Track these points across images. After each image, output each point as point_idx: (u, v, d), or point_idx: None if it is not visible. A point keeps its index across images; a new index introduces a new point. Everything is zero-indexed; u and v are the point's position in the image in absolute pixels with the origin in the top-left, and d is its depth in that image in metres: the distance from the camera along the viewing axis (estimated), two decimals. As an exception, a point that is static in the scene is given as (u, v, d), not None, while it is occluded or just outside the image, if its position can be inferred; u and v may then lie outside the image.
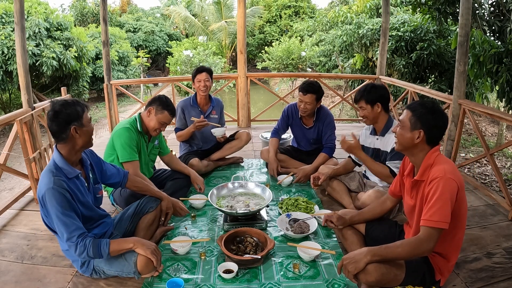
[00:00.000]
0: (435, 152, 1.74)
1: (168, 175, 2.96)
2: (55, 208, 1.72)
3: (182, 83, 6.86)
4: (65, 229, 1.74)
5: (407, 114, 1.79)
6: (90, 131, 1.89)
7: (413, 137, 1.74)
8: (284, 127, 3.42)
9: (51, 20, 8.27)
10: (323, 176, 2.79)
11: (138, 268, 1.88)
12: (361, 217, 2.14)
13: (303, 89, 3.05)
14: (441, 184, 1.61)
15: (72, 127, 1.78)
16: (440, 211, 1.59)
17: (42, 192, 1.74)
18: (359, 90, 2.57)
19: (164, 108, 2.58)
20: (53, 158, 1.83)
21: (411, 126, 1.75)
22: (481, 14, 5.05)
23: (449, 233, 1.70)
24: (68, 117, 1.77)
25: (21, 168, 3.37)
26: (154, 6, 23.76)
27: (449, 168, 1.66)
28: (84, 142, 1.86)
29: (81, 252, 1.76)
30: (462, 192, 1.67)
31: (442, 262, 1.76)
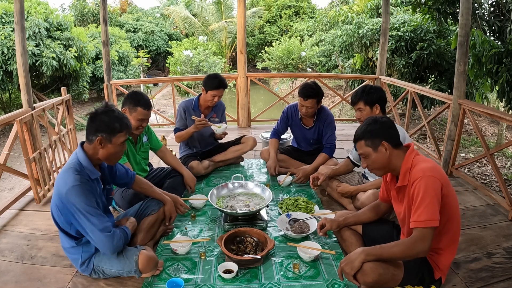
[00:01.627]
0: (411, 154, 1.75)
1: (166, 174, 2.95)
2: (83, 204, 1.72)
3: (182, 83, 6.86)
4: (98, 221, 1.75)
5: (360, 145, 1.81)
6: (115, 152, 1.85)
7: (382, 153, 1.76)
8: (284, 128, 3.41)
9: (51, 20, 8.26)
10: (323, 176, 2.79)
11: (140, 267, 1.88)
12: (357, 220, 2.13)
13: (304, 95, 3.01)
14: (422, 183, 1.63)
15: (99, 136, 1.78)
16: (426, 210, 1.60)
17: (65, 189, 1.72)
18: (357, 91, 2.56)
19: (136, 105, 2.49)
20: (77, 156, 1.83)
21: (373, 149, 1.77)
22: (481, 14, 5.05)
23: (442, 228, 1.70)
24: (101, 125, 1.78)
25: (21, 168, 3.37)
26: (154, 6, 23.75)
27: (428, 166, 1.67)
28: (104, 156, 1.85)
29: (119, 239, 1.81)
30: (447, 187, 1.68)
31: (440, 259, 1.76)
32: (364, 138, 1.79)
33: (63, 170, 1.80)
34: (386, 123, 1.80)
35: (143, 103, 2.50)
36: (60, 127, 3.65)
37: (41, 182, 3.05)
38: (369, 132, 1.78)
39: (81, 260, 1.92)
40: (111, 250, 1.83)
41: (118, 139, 1.83)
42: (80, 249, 1.91)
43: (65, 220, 1.83)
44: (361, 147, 1.81)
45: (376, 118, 1.82)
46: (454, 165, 3.57)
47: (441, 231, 1.71)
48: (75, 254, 1.93)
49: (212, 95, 3.14)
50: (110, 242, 1.79)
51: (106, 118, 1.80)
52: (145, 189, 2.30)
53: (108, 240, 1.78)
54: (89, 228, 1.76)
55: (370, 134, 1.77)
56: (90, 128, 1.81)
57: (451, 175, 3.57)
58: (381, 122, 1.79)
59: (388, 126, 1.79)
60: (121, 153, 1.91)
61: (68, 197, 1.72)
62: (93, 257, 1.93)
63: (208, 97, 3.17)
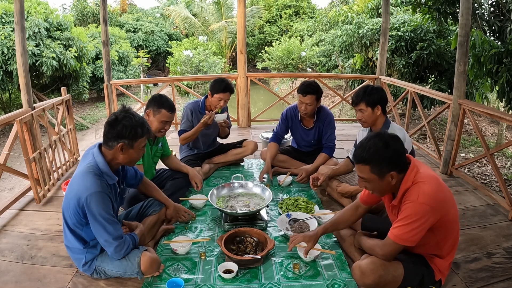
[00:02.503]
0: (411, 173, 1.63)
1: (168, 175, 2.96)
2: (102, 211, 1.73)
3: (182, 83, 6.86)
4: (114, 230, 1.78)
5: (364, 169, 1.62)
6: (136, 157, 1.86)
7: (388, 182, 1.63)
8: (284, 130, 3.38)
9: (51, 20, 8.26)
10: (322, 176, 2.79)
11: (142, 269, 1.88)
12: (335, 228, 2.12)
13: (302, 91, 3.02)
14: (411, 207, 1.59)
15: (121, 142, 1.76)
16: (403, 229, 1.61)
17: (86, 194, 1.71)
18: (358, 92, 2.50)
19: (161, 107, 2.52)
20: (95, 160, 1.80)
21: (378, 177, 1.62)
22: (481, 14, 5.05)
23: (441, 240, 1.71)
24: (122, 131, 1.75)
25: (21, 168, 3.37)
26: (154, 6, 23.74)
27: (425, 192, 1.57)
28: (124, 161, 1.85)
29: (128, 246, 1.84)
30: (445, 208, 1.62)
31: (441, 262, 1.77)
32: (371, 163, 1.60)
33: (82, 172, 1.77)
34: (397, 147, 1.60)
35: (167, 106, 2.53)
36: (60, 127, 3.65)
37: (41, 182, 3.05)
38: (378, 159, 1.59)
39: (84, 260, 1.92)
40: (120, 256, 1.86)
41: (140, 144, 1.83)
42: (85, 250, 1.91)
43: (77, 222, 1.83)
44: (363, 172, 1.63)
45: (388, 141, 1.60)
46: (454, 165, 3.57)
47: (441, 242, 1.72)
48: (79, 254, 1.93)
49: (218, 99, 3.13)
50: (120, 249, 1.83)
51: (127, 124, 1.76)
52: (150, 191, 2.32)
53: (120, 247, 1.82)
54: (103, 236, 1.78)
55: (379, 162, 1.59)
56: (110, 134, 1.77)
57: (451, 175, 3.57)
58: (394, 148, 1.59)
59: (399, 152, 1.61)
60: (140, 156, 1.91)
61: (88, 203, 1.72)
62: (96, 258, 1.93)
63: (214, 100, 3.15)
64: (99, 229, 1.77)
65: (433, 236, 1.68)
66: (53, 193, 3.20)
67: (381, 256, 1.71)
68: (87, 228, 1.84)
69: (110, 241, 1.79)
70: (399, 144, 1.62)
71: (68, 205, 1.82)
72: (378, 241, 1.77)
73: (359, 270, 1.73)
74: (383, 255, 1.70)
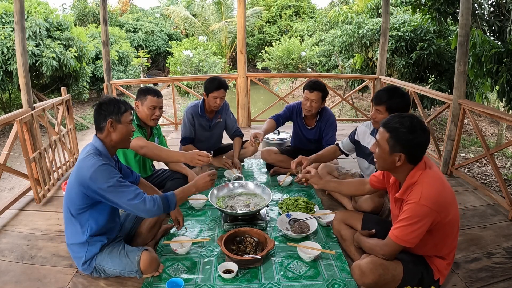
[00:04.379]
0: (418, 171, 1.67)
1: (168, 175, 2.96)
2: (111, 180, 1.76)
3: (182, 83, 6.86)
4: (128, 191, 1.79)
5: (384, 134, 1.68)
6: (126, 131, 1.95)
7: (393, 160, 1.67)
8: (285, 118, 3.34)
9: (51, 20, 8.26)
10: (306, 161, 2.66)
11: (141, 267, 1.88)
12: (337, 188, 2.21)
13: (310, 87, 3.02)
14: (413, 207, 1.61)
15: (109, 120, 1.87)
16: (402, 229, 1.63)
17: (90, 172, 1.75)
18: (384, 93, 2.33)
19: (146, 94, 2.62)
20: (94, 145, 1.89)
21: (390, 149, 1.66)
22: (481, 14, 5.05)
23: (440, 241, 1.72)
24: (108, 110, 1.88)
25: (21, 168, 3.37)
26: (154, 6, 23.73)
27: (428, 193, 1.60)
28: (117, 139, 1.93)
29: (153, 205, 1.82)
30: (446, 211, 1.63)
31: (440, 262, 1.77)
32: (390, 133, 1.65)
33: (82, 159, 1.83)
34: (421, 139, 1.63)
35: (152, 91, 2.64)
36: (60, 127, 3.65)
37: (41, 182, 3.05)
38: (398, 134, 1.63)
39: (84, 258, 1.92)
40: (147, 214, 1.84)
41: (126, 117, 1.93)
42: (85, 248, 1.91)
43: (83, 204, 1.83)
44: (382, 136, 1.70)
45: (416, 126, 1.63)
46: (454, 165, 3.57)
47: (440, 244, 1.72)
48: (79, 253, 1.93)
49: (213, 97, 3.12)
50: (143, 206, 1.81)
51: (110, 103, 1.91)
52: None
53: (142, 204, 1.80)
54: (123, 201, 1.79)
55: (397, 137, 1.63)
56: (99, 117, 1.90)
57: (451, 175, 3.57)
58: (416, 136, 1.61)
59: (419, 143, 1.63)
60: (131, 133, 1.99)
61: (94, 179, 1.74)
62: (96, 256, 1.93)
63: (210, 100, 3.15)
64: (116, 198, 1.78)
65: (431, 238, 1.69)
66: (53, 193, 3.21)
67: (381, 256, 1.72)
68: (94, 211, 1.86)
69: (132, 202, 1.78)
70: (424, 137, 1.64)
71: (71, 191, 1.84)
72: (378, 241, 1.78)
73: (359, 269, 1.73)
74: (383, 255, 1.71)
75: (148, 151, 2.50)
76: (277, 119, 3.32)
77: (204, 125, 3.31)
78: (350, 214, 2.25)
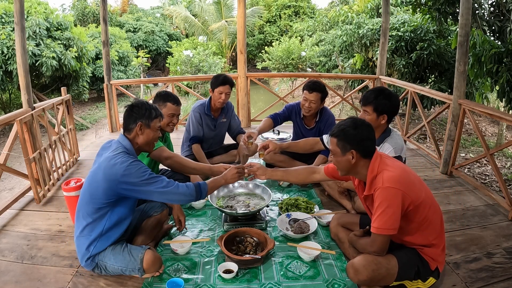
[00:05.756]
0: (375, 162, 1.74)
1: (169, 176, 2.96)
2: (143, 174, 1.82)
3: (182, 83, 6.86)
4: (161, 180, 1.86)
5: (332, 141, 1.80)
6: (153, 137, 2.00)
7: (348, 159, 1.76)
8: (283, 118, 3.35)
9: (51, 20, 8.26)
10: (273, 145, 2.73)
11: (144, 266, 1.89)
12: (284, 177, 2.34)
13: (309, 87, 3.03)
14: (380, 194, 1.66)
15: (139, 122, 1.94)
16: (379, 219, 1.65)
17: (122, 170, 1.79)
18: (371, 93, 2.32)
19: (166, 101, 2.63)
20: (121, 144, 1.93)
21: (341, 151, 1.77)
22: (481, 14, 5.05)
23: (421, 226, 1.73)
24: (139, 113, 1.95)
25: (21, 168, 3.37)
26: (155, 6, 23.70)
27: (389, 175, 1.67)
28: (143, 141, 1.98)
29: (185, 189, 1.92)
30: (414, 190, 1.68)
31: (431, 251, 1.77)
32: (337, 137, 1.78)
33: (110, 156, 1.85)
34: (364, 132, 1.75)
35: (172, 99, 2.65)
36: (60, 127, 3.65)
37: (41, 182, 3.05)
38: (344, 135, 1.76)
39: (90, 254, 1.92)
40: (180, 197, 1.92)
41: (155, 123, 1.99)
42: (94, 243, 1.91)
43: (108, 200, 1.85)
44: (332, 144, 1.82)
45: (357, 122, 1.77)
46: (454, 165, 3.57)
47: (423, 228, 1.74)
48: (87, 248, 1.92)
49: (218, 92, 3.17)
50: (177, 190, 1.89)
51: (143, 106, 1.97)
52: None
53: (176, 188, 1.89)
54: (157, 189, 1.84)
55: (344, 138, 1.75)
56: (129, 118, 1.96)
57: (451, 175, 3.57)
58: (360, 131, 1.74)
59: (364, 136, 1.74)
60: (157, 139, 2.05)
61: (128, 175, 1.79)
62: (99, 253, 1.93)
63: (216, 95, 3.19)
64: (150, 190, 1.83)
65: (413, 224, 1.71)
66: (53, 193, 3.21)
67: (373, 252, 1.73)
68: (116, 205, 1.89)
69: (166, 191, 1.86)
70: (367, 130, 1.76)
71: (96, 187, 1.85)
72: (367, 239, 1.80)
73: (352, 268, 1.74)
74: (375, 251, 1.72)
75: (173, 163, 2.51)
76: (275, 118, 3.33)
77: (210, 124, 3.34)
78: (347, 217, 2.26)
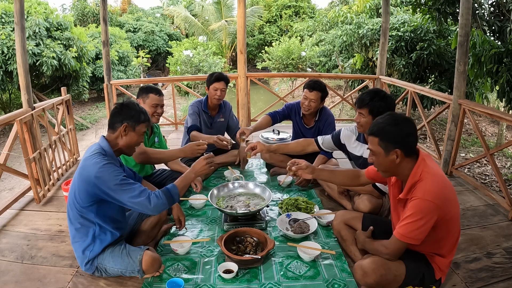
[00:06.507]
0: (419, 167, 1.67)
1: (168, 175, 2.96)
2: (115, 178, 1.77)
3: (182, 83, 6.86)
4: (133, 189, 1.80)
5: (373, 140, 1.71)
6: (136, 140, 1.95)
7: (392, 159, 1.68)
8: (282, 116, 3.35)
9: (51, 20, 8.26)
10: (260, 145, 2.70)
11: (143, 267, 1.89)
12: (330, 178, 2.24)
13: (309, 86, 3.03)
14: (417, 204, 1.61)
15: (125, 123, 1.90)
16: (407, 227, 1.62)
17: (95, 171, 1.76)
18: (366, 95, 2.32)
19: (148, 92, 2.67)
20: (100, 145, 1.89)
21: (384, 151, 1.68)
22: (481, 14, 5.05)
23: (443, 238, 1.71)
24: (127, 113, 1.91)
25: (21, 168, 3.37)
26: (154, 6, 23.70)
27: (431, 188, 1.60)
28: (125, 144, 1.94)
29: (156, 201, 1.82)
30: (449, 207, 1.64)
31: (441, 260, 1.77)
32: (379, 136, 1.68)
33: (87, 158, 1.84)
34: (407, 128, 1.66)
35: (154, 90, 2.70)
36: (60, 127, 3.65)
37: (41, 182, 3.05)
38: (386, 134, 1.66)
39: (87, 258, 1.92)
40: (153, 210, 1.83)
41: (141, 128, 1.95)
42: (90, 247, 1.91)
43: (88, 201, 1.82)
44: (373, 144, 1.72)
45: (397, 118, 1.68)
46: (454, 165, 3.57)
47: (440, 239, 1.72)
48: (82, 252, 1.92)
49: (213, 89, 3.22)
50: (148, 204, 1.80)
51: (132, 108, 1.93)
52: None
53: (147, 201, 1.80)
54: (127, 199, 1.79)
55: (386, 136, 1.66)
56: (116, 117, 1.91)
57: (451, 175, 3.57)
58: (402, 127, 1.65)
59: (408, 132, 1.66)
60: (139, 144, 2.00)
61: (100, 178, 1.75)
62: (98, 256, 1.93)
63: (211, 92, 3.23)
64: (121, 196, 1.78)
65: (434, 234, 1.68)
66: (53, 193, 3.21)
67: (386, 255, 1.71)
68: (100, 209, 1.86)
69: (137, 200, 1.78)
70: (409, 126, 1.67)
71: (75, 189, 1.84)
72: (383, 241, 1.77)
73: (361, 269, 1.72)
74: (388, 254, 1.70)
75: (147, 156, 2.53)
76: (274, 116, 3.34)
77: (207, 121, 3.37)
78: (350, 214, 2.25)
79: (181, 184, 1.97)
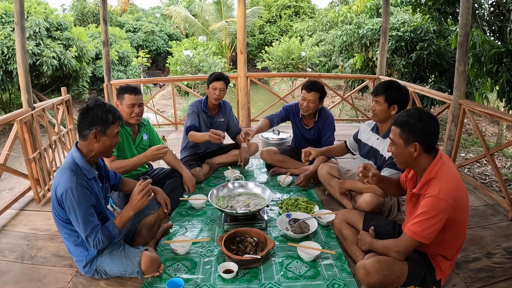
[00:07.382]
0: (436, 165, 1.67)
1: (166, 174, 2.96)
2: (77, 207, 1.72)
3: (182, 83, 6.86)
4: (85, 227, 1.75)
5: (395, 131, 1.73)
6: (110, 144, 1.86)
7: (410, 152, 1.70)
8: (279, 119, 3.35)
9: (51, 20, 8.26)
10: (315, 152, 2.70)
11: (142, 268, 1.88)
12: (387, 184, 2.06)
13: (307, 87, 3.04)
14: (430, 201, 1.61)
15: (93, 129, 1.78)
16: (419, 224, 1.62)
17: (62, 190, 1.72)
18: (382, 85, 2.44)
19: (123, 93, 2.58)
20: (72, 156, 1.81)
21: (404, 143, 1.70)
22: (481, 14, 5.05)
23: (449, 240, 1.71)
24: (94, 118, 1.78)
25: (21, 168, 3.37)
26: (154, 6, 23.73)
27: (446, 187, 1.61)
28: (100, 150, 1.85)
29: (97, 244, 1.79)
30: (461, 208, 1.63)
31: (444, 262, 1.77)
32: (401, 127, 1.71)
33: (59, 170, 1.80)
34: (430, 125, 1.67)
35: (129, 89, 2.59)
36: (60, 127, 3.65)
37: (41, 182, 3.05)
38: (408, 126, 1.68)
39: (84, 261, 1.92)
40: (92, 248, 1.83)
41: (112, 130, 1.84)
42: (86, 252, 1.91)
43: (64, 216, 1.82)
44: (394, 133, 1.74)
45: (423, 114, 1.69)
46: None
47: (446, 241, 1.72)
48: (79, 256, 1.93)
49: (212, 88, 3.21)
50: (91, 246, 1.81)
51: (98, 111, 1.79)
52: (131, 186, 2.27)
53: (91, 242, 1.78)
54: (78, 229, 1.79)
55: (408, 129, 1.68)
56: (83, 124, 1.80)
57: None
58: (425, 123, 1.67)
59: (431, 130, 1.67)
60: (115, 144, 1.92)
61: (64, 198, 1.73)
62: (96, 258, 1.93)
63: (211, 91, 3.23)
64: (76, 224, 1.77)
65: (442, 235, 1.68)
66: (53, 193, 3.20)
67: (395, 253, 1.70)
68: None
69: (84, 237, 1.78)
70: (433, 124, 1.68)
71: (53, 202, 1.82)
72: (391, 240, 1.77)
73: (364, 269, 1.72)
74: (397, 252, 1.69)
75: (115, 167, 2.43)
76: (271, 119, 3.34)
77: (206, 121, 3.35)
78: (351, 213, 2.25)
79: (120, 223, 1.88)
